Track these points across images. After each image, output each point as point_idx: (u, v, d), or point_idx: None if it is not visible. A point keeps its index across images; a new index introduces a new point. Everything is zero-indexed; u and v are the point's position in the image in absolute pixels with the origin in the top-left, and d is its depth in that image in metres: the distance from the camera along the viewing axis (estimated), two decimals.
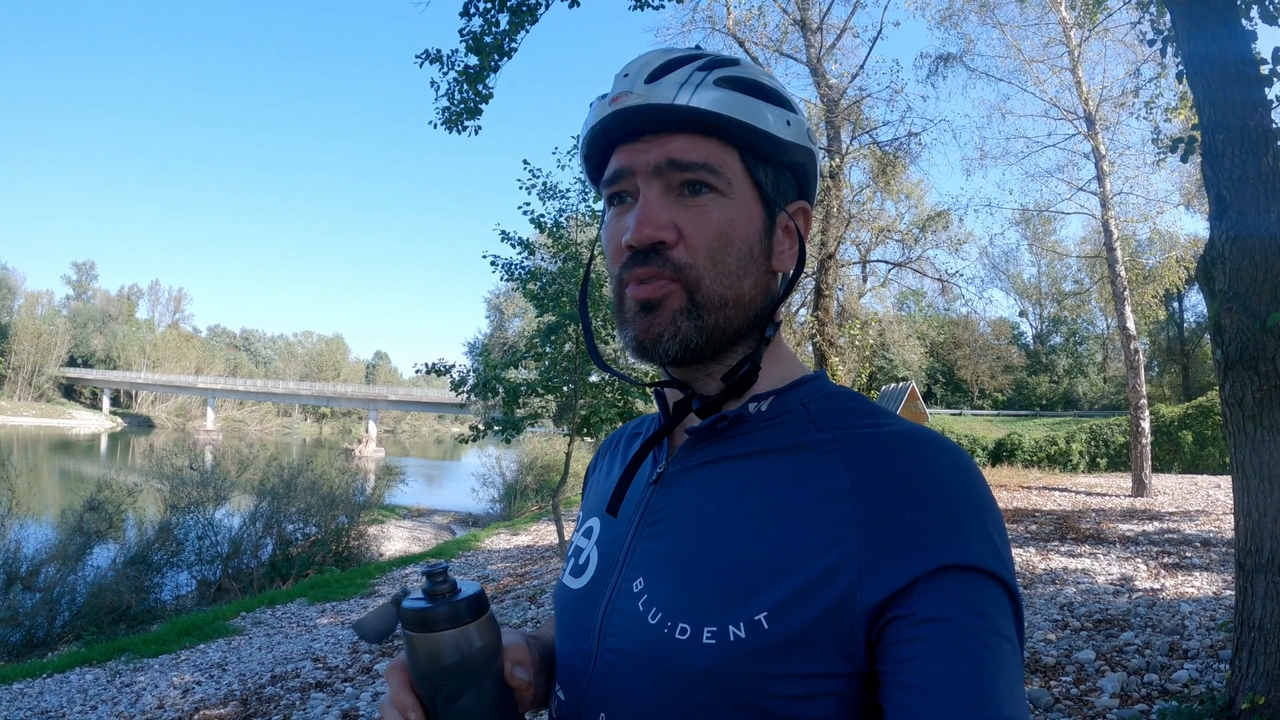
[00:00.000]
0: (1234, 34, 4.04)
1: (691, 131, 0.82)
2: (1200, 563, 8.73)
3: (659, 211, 0.81)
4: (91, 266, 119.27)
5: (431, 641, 0.75)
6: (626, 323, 0.84)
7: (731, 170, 0.83)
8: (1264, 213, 3.86)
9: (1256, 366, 3.83)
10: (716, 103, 0.81)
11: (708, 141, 0.82)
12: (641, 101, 0.81)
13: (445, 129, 8.17)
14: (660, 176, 0.82)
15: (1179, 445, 24.90)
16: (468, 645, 0.75)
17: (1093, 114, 17.83)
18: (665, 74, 0.82)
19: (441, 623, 0.75)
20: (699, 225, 0.81)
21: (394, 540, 18.65)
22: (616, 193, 0.86)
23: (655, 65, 0.83)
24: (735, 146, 0.83)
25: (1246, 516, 3.89)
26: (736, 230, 0.83)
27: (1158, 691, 4.83)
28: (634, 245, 0.81)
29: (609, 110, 0.83)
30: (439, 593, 0.76)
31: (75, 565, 11.91)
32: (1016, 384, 53.98)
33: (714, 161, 0.81)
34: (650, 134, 0.82)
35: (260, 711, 6.09)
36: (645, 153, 0.82)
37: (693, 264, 0.81)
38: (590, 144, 0.87)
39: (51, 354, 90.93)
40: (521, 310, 35.15)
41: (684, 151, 0.81)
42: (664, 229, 0.80)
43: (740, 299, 0.83)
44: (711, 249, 0.81)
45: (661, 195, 0.82)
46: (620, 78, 0.84)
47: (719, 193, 0.82)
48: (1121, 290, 17.35)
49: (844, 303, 23.03)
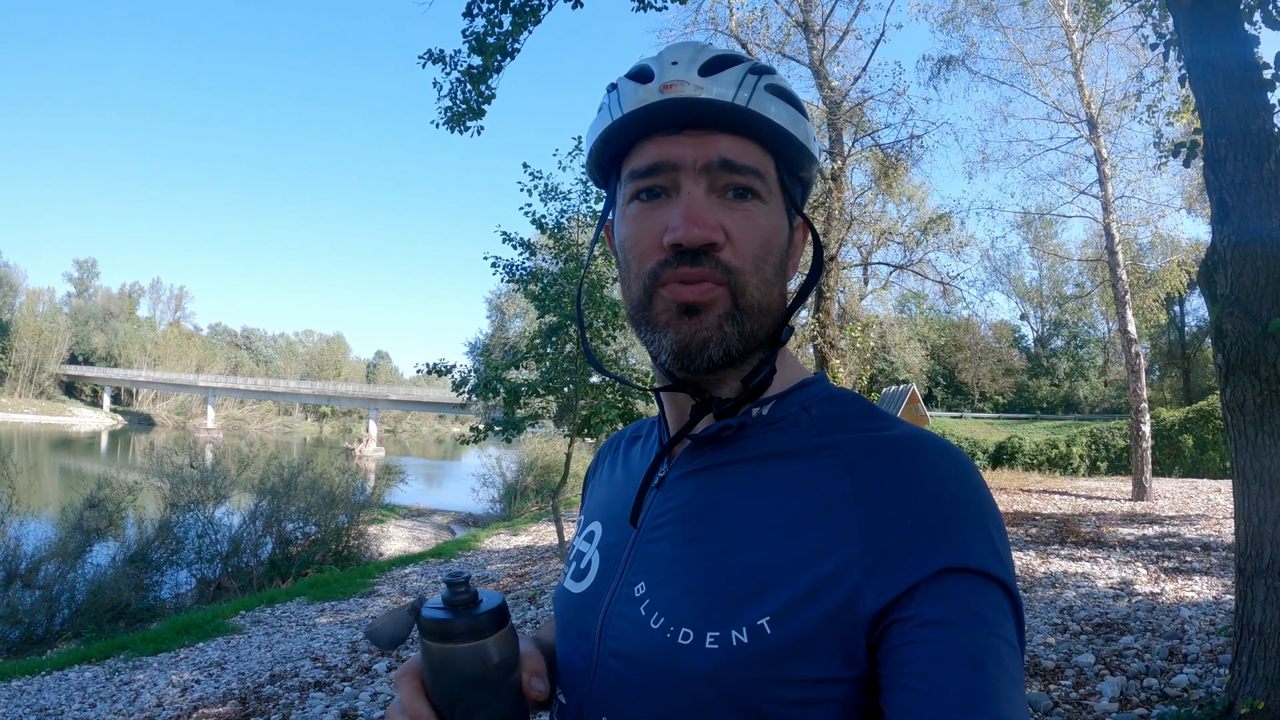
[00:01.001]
0: (1237, 38, 4.05)
1: (741, 134, 0.81)
2: (1200, 567, 8.72)
3: (708, 212, 0.79)
4: (93, 264, 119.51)
5: (451, 653, 0.73)
6: (661, 326, 0.81)
7: (771, 178, 0.83)
8: (1266, 217, 3.86)
9: (1258, 371, 3.83)
10: (777, 112, 0.81)
11: (755, 146, 0.81)
12: (700, 95, 0.78)
13: (448, 129, 8.17)
14: (708, 175, 0.80)
15: (1179, 449, 24.89)
16: (487, 659, 0.74)
17: (1095, 117, 17.83)
18: (719, 70, 0.80)
19: (462, 635, 0.73)
20: (746, 230, 0.80)
21: (394, 540, 18.63)
22: (649, 186, 0.82)
23: (706, 59, 0.81)
24: (774, 155, 0.83)
25: (1247, 521, 3.89)
26: (775, 239, 0.83)
27: (1157, 696, 4.83)
28: (684, 244, 0.78)
29: (659, 97, 0.79)
30: (459, 603, 0.74)
31: (75, 563, 11.91)
32: (1017, 387, 54.01)
33: (761, 167, 0.81)
34: (695, 129, 0.80)
35: (259, 710, 6.08)
36: (697, 148, 0.80)
37: (740, 268, 0.79)
38: (620, 129, 0.83)
39: (53, 351, 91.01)
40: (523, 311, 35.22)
41: (737, 154, 0.80)
42: (715, 230, 0.78)
43: (771, 306, 0.83)
44: (756, 255, 0.80)
45: (706, 195, 0.80)
46: (668, 65, 0.80)
47: (761, 199, 0.81)
48: (1123, 294, 17.35)
49: (845, 305, 23.07)
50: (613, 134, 0.84)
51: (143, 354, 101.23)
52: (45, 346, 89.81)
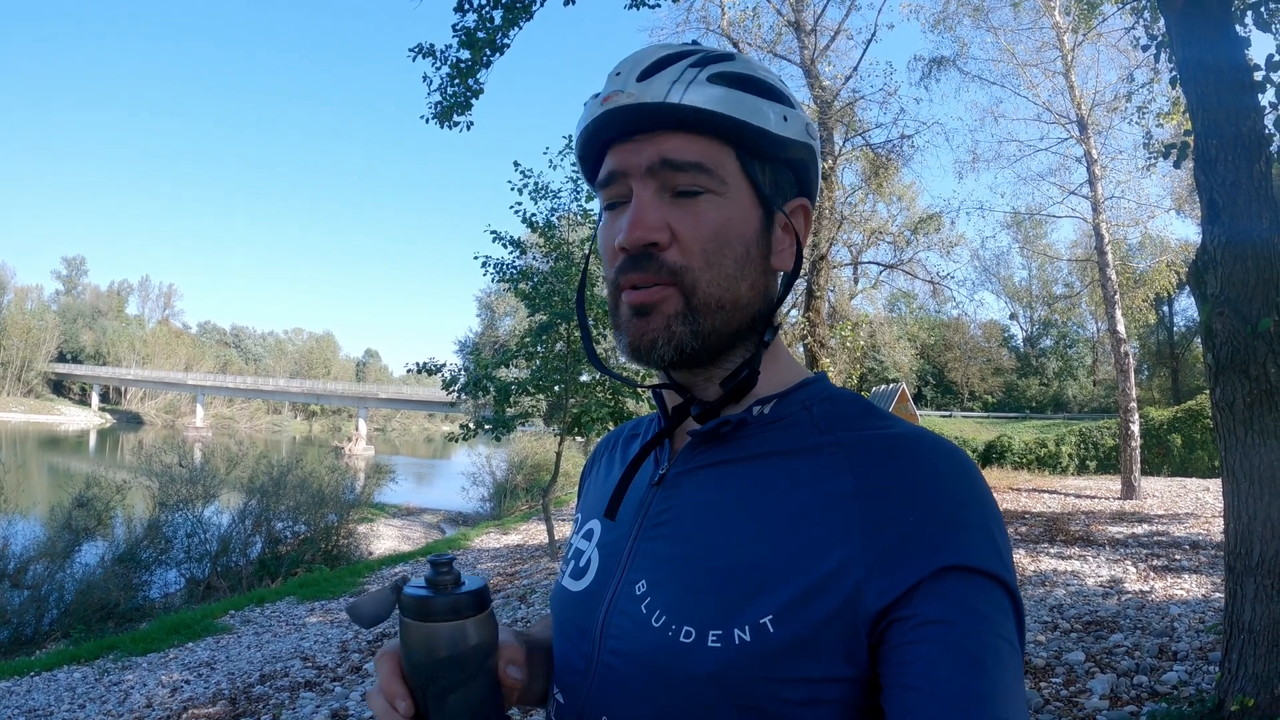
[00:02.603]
0: (1228, 40, 4.06)
1: (685, 130, 0.79)
2: (1189, 565, 8.76)
3: (651, 213, 0.79)
4: (82, 262, 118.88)
5: (429, 632, 0.72)
6: (620, 327, 0.83)
7: (727, 169, 0.81)
8: (1256, 218, 3.88)
9: (1247, 371, 3.84)
10: (710, 100, 0.79)
11: (702, 140, 0.80)
12: (633, 100, 0.79)
13: (437, 124, 8.14)
14: (654, 177, 0.80)
15: (1168, 448, 25.02)
16: (465, 640, 0.73)
17: (1085, 118, 17.88)
18: (657, 71, 0.80)
19: (441, 613, 0.73)
20: (694, 226, 0.79)
21: (384, 539, 18.63)
22: (610, 196, 0.84)
23: (647, 62, 0.81)
24: (731, 144, 0.81)
25: (1236, 520, 3.91)
26: (733, 230, 0.81)
27: (1147, 693, 4.85)
28: (626, 248, 0.79)
29: (600, 110, 0.81)
30: (442, 583, 0.74)
31: (64, 562, 11.89)
32: (1007, 386, 54.25)
33: (708, 161, 0.80)
34: (643, 134, 0.80)
35: (249, 711, 6.07)
36: (638, 153, 0.80)
37: (688, 266, 0.79)
38: (584, 145, 0.85)
39: (41, 349, 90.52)
40: (513, 309, 35.20)
41: (678, 151, 0.79)
42: (657, 230, 0.79)
43: (738, 301, 0.82)
44: (706, 250, 0.79)
45: (655, 196, 0.80)
46: (612, 76, 0.82)
47: (714, 193, 0.80)
48: (1112, 294, 17.39)
49: (835, 304, 23.11)
50: (581, 150, 0.86)
51: (131, 352, 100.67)
52: (33, 344, 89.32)
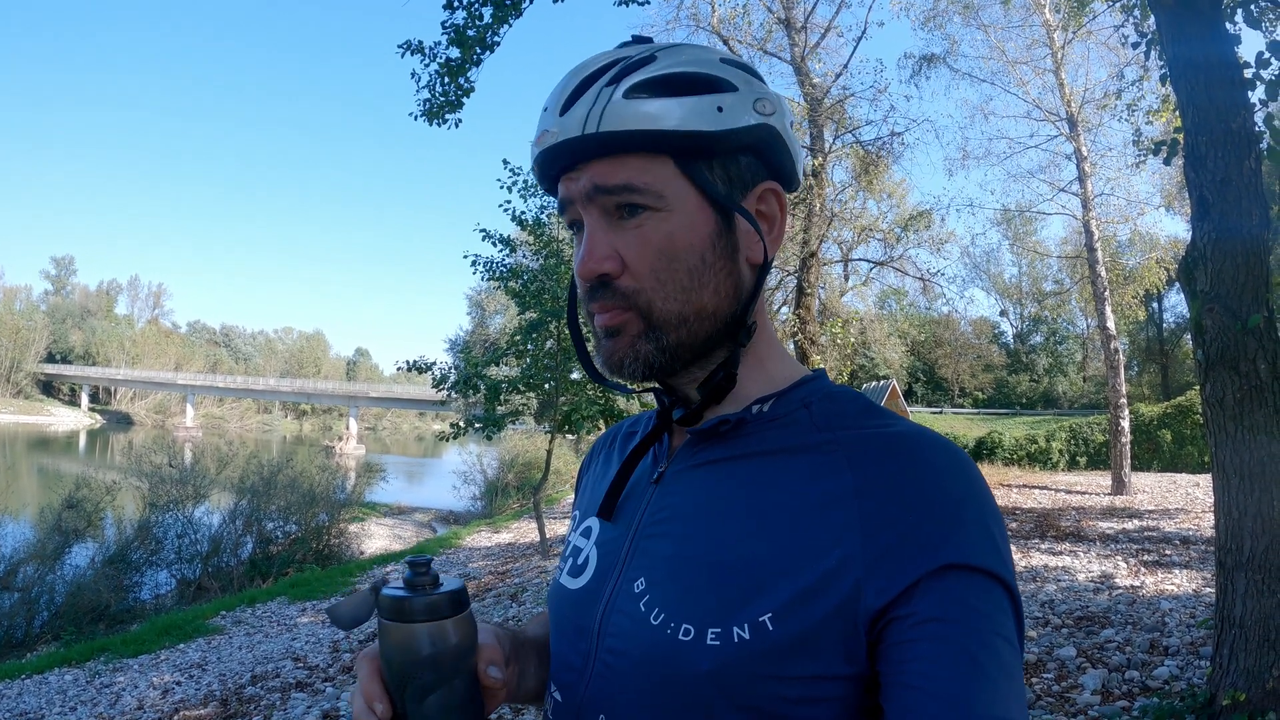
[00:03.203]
0: (1218, 37, 4.07)
1: (612, 154, 0.79)
2: (1180, 560, 8.81)
3: (600, 245, 0.80)
4: (70, 261, 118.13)
5: (406, 632, 0.73)
6: (598, 347, 0.85)
7: (664, 180, 0.79)
8: (1246, 214, 3.89)
9: (1237, 367, 3.86)
10: (626, 119, 0.77)
11: (631, 158, 0.78)
12: (556, 140, 0.79)
13: (426, 121, 8.13)
14: (594, 202, 0.80)
15: (1158, 444, 25.11)
16: (443, 640, 0.73)
17: (1075, 116, 17.96)
18: (575, 100, 0.79)
19: (418, 614, 0.73)
20: (639, 248, 0.80)
21: (375, 538, 18.60)
22: (569, 219, 0.85)
23: (568, 92, 0.80)
24: (665, 153, 0.79)
25: (1227, 515, 3.92)
26: (679, 243, 0.80)
27: (1139, 688, 4.87)
28: (583, 279, 0.82)
29: (535, 151, 0.83)
30: (419, 584, 0.74)
31: (54, 564, 11.83)
32: (997, 383, 54.41)
33: (636, 180, 0.78)
34: (579, 162, 0.80)
35: (240, 712, 6.06)
36: (575, 181, 0.81)
37: (640, 289, 0.80)
38: (540, 178, 0.87)
39: (29, 350, 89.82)
40: (503, 307, 35.15)
41: (604, 175, 0.79)
42: (605, 260, 0.80)
43: (702, 310, 0.81)
44: (655, 270, 0.80)
45: (601, 222, 0.81)
46: (543, 112, 0.82)
47: (652, 209, 0.79)
48: (1102, 290, 17.48)
49: (825, 301, 23.12)
50: (539, 181, 0.88)
51: (121, 352, 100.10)
52: (22, 345, 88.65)
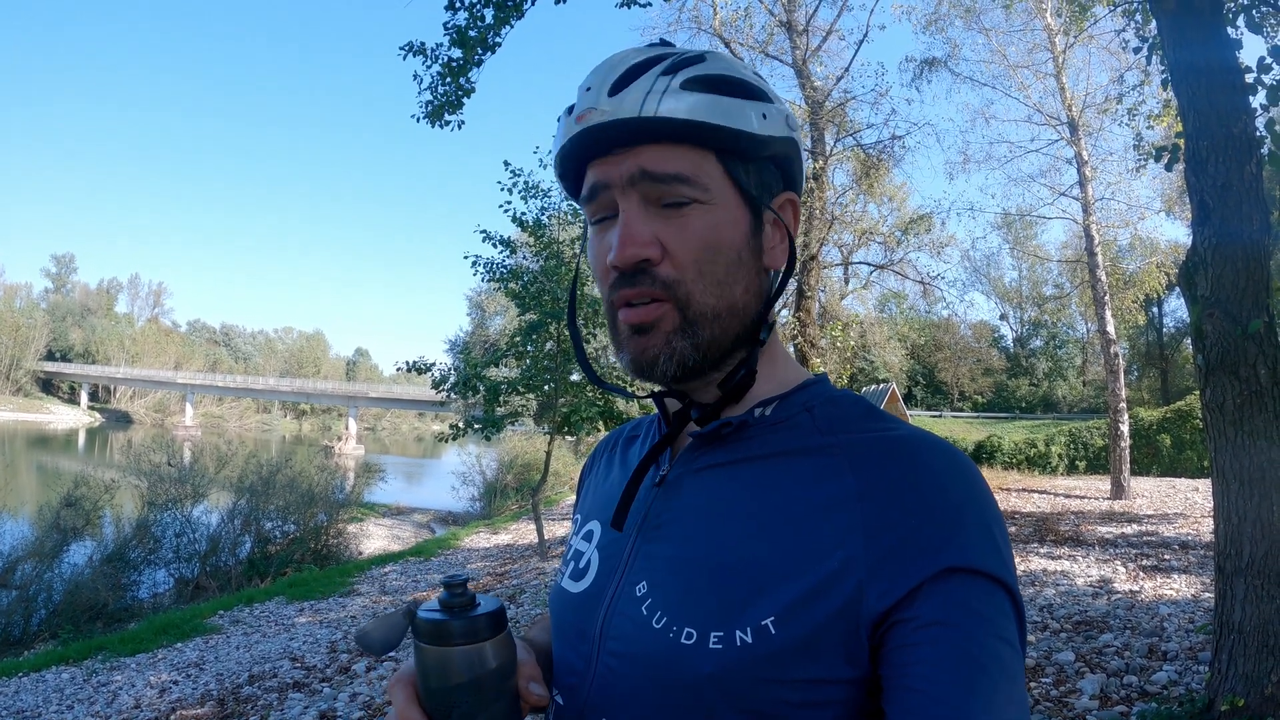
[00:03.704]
0: (1220, 42, 4.07)
1: (663, 141, 0.78)
2: (1179, 565, 8.80)
3: (640, 228, 0.79)
4: (71, 259, 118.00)
5: (446, 657, 0.71)
6: (622, 346, 0.82)
7: (710, 175, 0.80)
8: (1246, 219, 3.89)
9: (1238, 372, 3.86)
10: (686, 108, 0.77)
11: (681, 149, 0.79)
12: (607, 118, 0.78)
13: (428, 123, 8.13)
14: (636, 188, 0.79)
15: (1157, 449, 25.10)
16: (484, 664, 0.71)
17: (1076, 120, 17.96)
18: (628, 83, 0.79)
19: (458, 637, 0.71)
20: (683, 238, 0.79)
21: (373, 539, 18.60)
22: (595, 211, 0.83)
23: (617, 74, 0.79)
24: (711, 150, 0.80)
25: (1226, 520, 3.92)
26: (722, 237, 0.80)
27: (1137, 693, 4.86)
28: (619, 266, 0.79)
29: (576, 129, 0.80)
30: (457, 605, 0.72)
31: (52, 562, 11.81)
32: (996, 386, 54.46)
33: (688, 170, 0.79)
34: (622, 147, 0.79)
35: (237, 712, 6.04)
36: (618, 165, 0.79)
37: (681, 279, 0.79)
38: (563, 162, 0.84)
39: (29, 347, 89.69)
40: (503, 308, 35.15)
41: (657, 162, 0.78)
42: (647, 246, 0.78)
43: (734, 307, 0.81)
44: (698, 261, 0.79)
45: (641, 209, 0.79)
46: (583, 91, 0.81)
47: (699, 201, 0.79)
48: (1102, 295, 17.49)
49: (826, 304, 23.16)
50: (560, 168, 0.86)
51: (121, 351, 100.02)
52: (22, 343, 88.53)
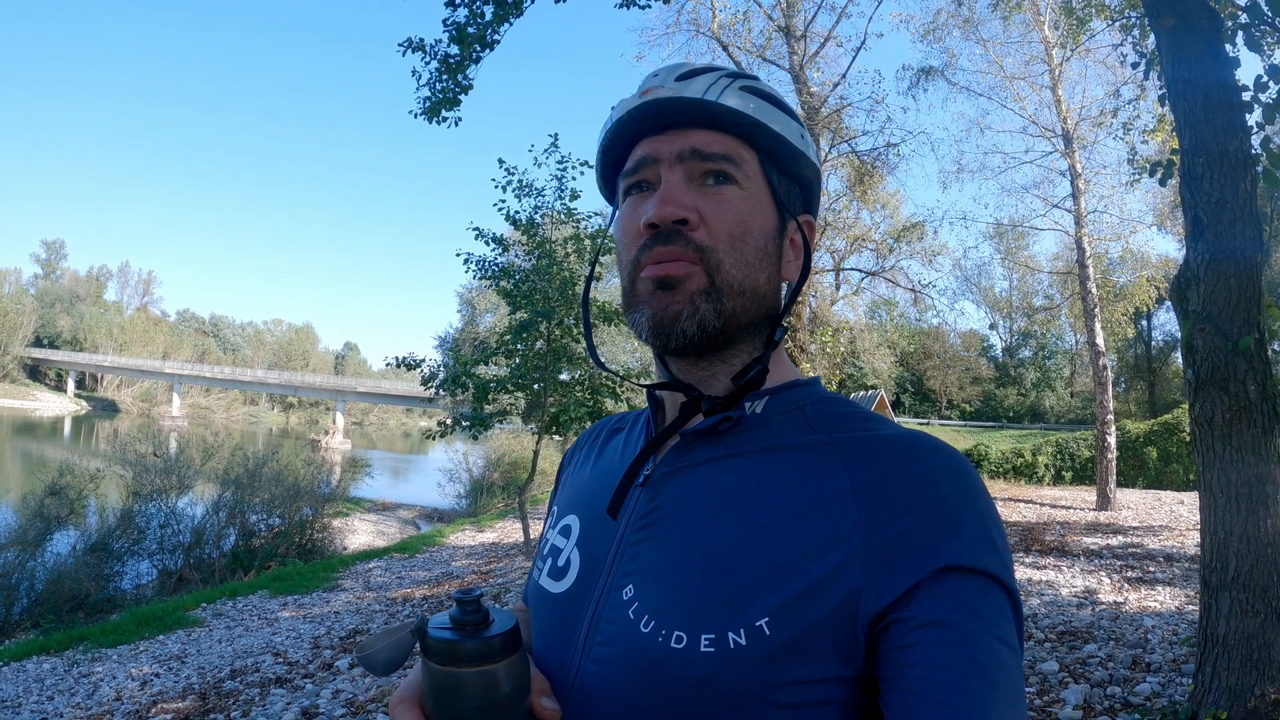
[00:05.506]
0: (1217, 60, 4.09)
1: (716, 128, 0.85)
2: (1163, 577, 8.83)
3: (681, 194, 0.83)
4: (61, 246, 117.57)
5: (458, 678, 0.68)
6: (641, 304, 0.84)
7: (750, 168, 0.86)
8: (1240, 236, 3.91)
9: (1227, 387, 3.87)
10: (742, 104, 0.85)
11: (730, 138, 0.85)
12: (673, 94, 0.84)
13: (425, 119, 8.12)
14: (683, 164, 0.84)
15: (1144, 461, 25.16)
16: (498, 686, 0.68)
17: (1070, 132, 18.02)
18: (694, 76, 0.86)
19: (471, 658, 0.68)
20: (720, 211, 0.83)
21: (358, 534, 18.55)
22: (637, 181, 0.87)
23: (685, 70, 0.87)
24: (755, 149, 0.87)
25: (1213, 534, 3.93)
26: (755, 221, 0.85)
27: (1120, 704, 4.87)
28: (656, 223, 0.82)
29: (639, 101, 0.85)
30: (469, 623, 0.69)
31: (35, 551, 11.70)
32: (984, 395, 54.67)
33: (735, 155, 0.85)
34: (676, 128, 0.85)
35: (219, 706, 6.00)
36: (670, 142, 0.85)
37: (714, 247, 0.82)
38: (615, 135, 0.89)
39: (17, 334, 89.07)
40: (494, 306, 35.04)
41: (707, 143, 0.84)
42: (687, 209, 0.82)
43: (756, 290, 0.84)
44: (732, 234, 0.83)
45: (683, 181, 0.84)
46: (649, 77, 0.88)
47: (738, 185, 0.85)
48: (1092, 307, 17.53)
49: (816, 309, 23.20)
50: (609, 142, 0.91)
51: (109, 339, 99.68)
52: (10, 328, 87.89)
